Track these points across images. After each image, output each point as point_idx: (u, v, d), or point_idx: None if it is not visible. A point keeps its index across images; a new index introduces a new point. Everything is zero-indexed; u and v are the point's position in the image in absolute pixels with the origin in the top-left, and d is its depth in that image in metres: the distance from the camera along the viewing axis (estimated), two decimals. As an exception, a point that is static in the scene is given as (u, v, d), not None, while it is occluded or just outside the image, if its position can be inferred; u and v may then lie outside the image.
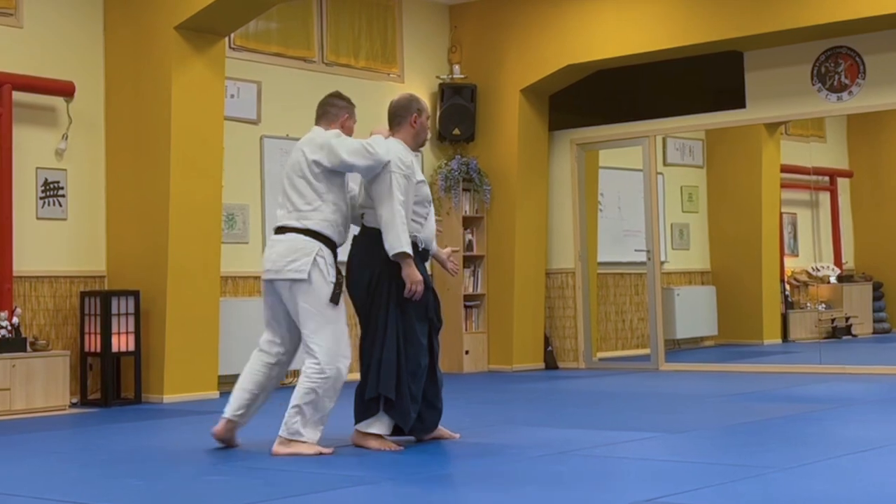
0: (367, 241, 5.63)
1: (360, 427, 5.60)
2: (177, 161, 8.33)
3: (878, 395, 7.90)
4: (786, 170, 11.81)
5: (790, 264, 12.18)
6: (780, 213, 12.03)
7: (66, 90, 8.44)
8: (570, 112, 11.00)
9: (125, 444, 6.27)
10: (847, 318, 11.99)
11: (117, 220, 8.67)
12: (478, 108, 10.91)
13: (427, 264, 5.87)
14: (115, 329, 8.21)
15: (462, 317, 10.67)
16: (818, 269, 12.06)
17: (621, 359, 11.24)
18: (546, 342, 10.96)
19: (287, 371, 5.84)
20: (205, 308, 8.47)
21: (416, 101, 5.84)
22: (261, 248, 9.10)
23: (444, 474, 5.08)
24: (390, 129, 5.82)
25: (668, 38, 9.85)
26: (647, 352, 10.75)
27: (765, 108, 9.99)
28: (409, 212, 5.57)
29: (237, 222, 9.37)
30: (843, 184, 12.28)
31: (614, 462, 5.13)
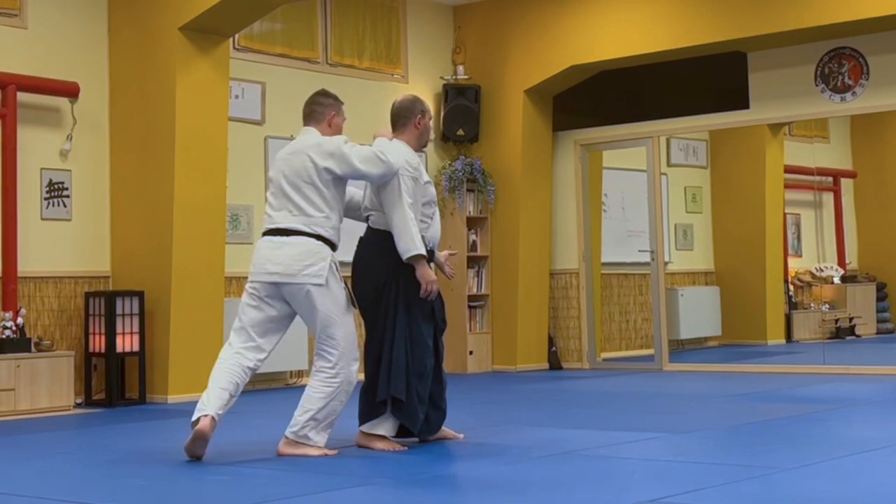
0: (374, 243, 5.62)
1: (364, 428, 5.60)
2: (181, 162, 8.34)
3: (882, 395, 7.89)
4: (789, 170, 11.82)
5: (794, 265, 12.17)
6: (784, 214, 12.03)
7: (70, 91, 8.45)
8: (573, 113, 11.00)
9: (129, 445, 6.27)
10: (851, 319, 11.99)
11: (122, 220, 8.68)
12: (482, 108, 10.91)
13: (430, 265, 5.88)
14: (119, 329, 8.21)
15: (466, 317, 10.67)
16: (822, 270, 12.05)
17: (625, 359, 11.24)
18: (550, 342, 10.96)
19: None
20: (209, 308, 8.47)
21: (420, 102, 5.84)
22: (265, 249, 9.09)
23: (448, 475, 5.08)
24: (393, 130, 5.81)
25: (671, 39, 9.85)
26: (650, 352, 10.75)
27: (768, 109, 9.99)
28: (419, 213, 5.57)
29: (241, 223, 9.38)
30: (846, 184, 12.27)
31: (618, 462, 5.13)
